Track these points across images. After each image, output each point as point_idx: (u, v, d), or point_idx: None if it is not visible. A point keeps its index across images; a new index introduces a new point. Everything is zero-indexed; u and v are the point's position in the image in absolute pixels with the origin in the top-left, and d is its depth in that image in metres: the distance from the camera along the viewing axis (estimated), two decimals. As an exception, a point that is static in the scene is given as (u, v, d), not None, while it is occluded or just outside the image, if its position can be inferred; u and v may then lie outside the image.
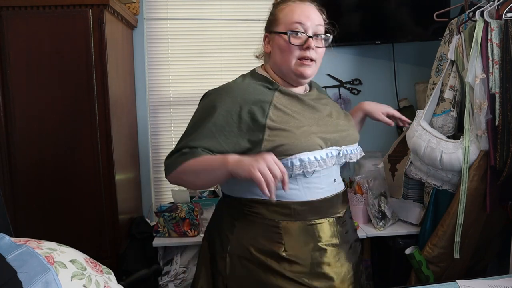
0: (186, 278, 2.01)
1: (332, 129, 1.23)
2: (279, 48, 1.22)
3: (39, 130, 1.80)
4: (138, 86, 2.42)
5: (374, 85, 2.57)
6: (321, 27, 1.23)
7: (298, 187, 1.18)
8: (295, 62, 1.20)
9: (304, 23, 1.19)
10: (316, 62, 1.23)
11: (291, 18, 1.20)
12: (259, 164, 1.00)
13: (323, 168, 1.17)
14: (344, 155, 1.25)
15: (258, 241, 1.19)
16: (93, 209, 1.85)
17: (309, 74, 1.22)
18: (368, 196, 2.02)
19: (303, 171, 1.13)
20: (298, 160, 1.12)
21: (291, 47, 1.19)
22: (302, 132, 1.15)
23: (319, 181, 1.20)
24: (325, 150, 1.18)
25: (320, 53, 1.24)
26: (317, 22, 1.21)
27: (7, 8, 1.75)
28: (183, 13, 2.44)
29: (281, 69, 1.24)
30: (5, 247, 0.76)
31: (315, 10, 1.24)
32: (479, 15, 1.68)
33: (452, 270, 1.82)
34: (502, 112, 1.60)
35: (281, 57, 1.22)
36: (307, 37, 1.19)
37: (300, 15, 1.19)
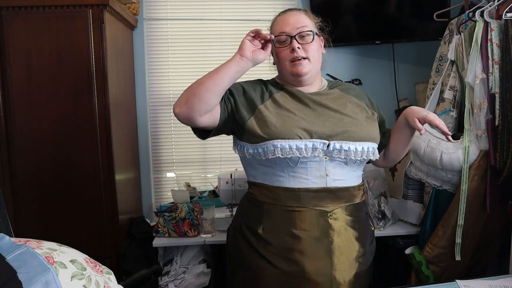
0: (186, 278, 2.01)
1: (329, 125, 1.28)
2: (276, 57, 1.37)
3: (39, 130, 1.81)
4: (138, 86, 2.42)
5: (374, 85, 2.57)
6: (305, 27, 1.32)
7: (284, 174, 1.28)
8: (289, 64, 1.32)
9: (285, 30, 1.32)
10: (309, 60, 1.32)
11: (275, 29, 1.35)
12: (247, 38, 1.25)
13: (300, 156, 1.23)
14: (338, 150, 1.26)
15: (248, 218, 1.35)
16: (93, 209, 1.85)
17: (305, 72, 1.31)
18: (368, 196, 2.02)
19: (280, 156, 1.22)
20: (272, 145, 1.23)
21: (282, 52, 1.33)
22: (285, 122, 1.25)
23: (306, 172, 1.27)
24: (305, 140, 1.24)
25: (312, 50, 1.33)
26: (299, 24, 1.32)
27: (7, 8, 1.75)
28: (183, 13, 2.44)
29: (283, 74, 1.37)
30: (5, 247, 0.76)
31: (297, 14, 1.36)
32: (479, 15, 1.68)
33: (452, 270, 1.82)
34: (502, 112, 1.60)
35: (279, 64, 1.36)
36: (290, 38, 1.31)
37: (281, 25, 1.34)
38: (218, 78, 1.23)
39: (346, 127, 1.29)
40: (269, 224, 1.29)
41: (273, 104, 1.31)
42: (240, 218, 1.39)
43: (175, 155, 2.52)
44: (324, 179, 1.29)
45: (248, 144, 1.30)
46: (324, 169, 1.29)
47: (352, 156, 1.27)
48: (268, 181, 1.31)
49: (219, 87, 1.23)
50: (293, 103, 1.32)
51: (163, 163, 2.51)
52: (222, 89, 1.24)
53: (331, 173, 1.29)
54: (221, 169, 2.49)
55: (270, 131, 1.25)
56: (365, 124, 1.33)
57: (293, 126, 1.25)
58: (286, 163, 1.26)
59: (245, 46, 1.24)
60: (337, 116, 1.31)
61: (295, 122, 1.26)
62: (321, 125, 1.27)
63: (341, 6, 2.43)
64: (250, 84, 1.38)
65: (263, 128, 1.26)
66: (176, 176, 2.52)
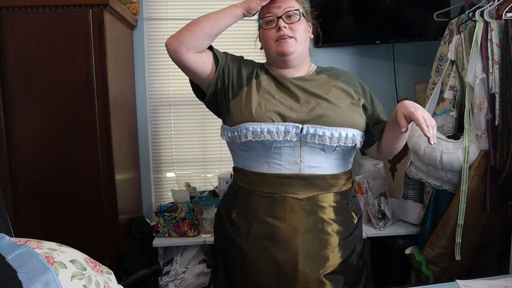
0: (186, 278, 2.01)
1: (306, 110, 1.27)
2: (262, 38, 1.36)
3: (39, 130, 1.81)
4: (138, 86, 2.42)
5: (374, 85, 2.55)
6: (292, 7, 1.31)
7: (259, 159, 1.29)
8: (275, 44, 1.31)
9: (271, 11, 1.32)
10: (296, 39, 1.31)
11: (263, 11, 1.34)
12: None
13: (271, 139, 1.23)
14: (312, 135, 1.23)
15: (227, 203, 1.39)
16: (93, 209, 1.85)
17: (291, 51, 1.30)
18: (368, 196, 2.02)
19: (252, 139, 1.24)
20: (245, 128, 1.24)
21: (268, 32, 1.32)
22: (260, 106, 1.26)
23: (279, 157, 1.27)
24: (277, 124, 1.24)
25: (298, 30, 1.32)
26: (286, 5, 1.31)
27: (7, 8, 1.75)
28: (183, 13, 2.44)
29: (269, 55, 1.36)
30: (5, 247, 0.76)
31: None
32: (479, 15, 1.68)
33: (452, 270, 1.82)
34: (502, 112, 1.60)
35: (265, 45, 1.35)
36: (276, 18, 1.30)
37: (268, 6, 1.32)
38: (216, 23, 1.32)
39: (323, 112, 1.26)
40: (242, 209, 1.31)
41: (256, 87, 1.32)
42: (222, 203, 1.44)
43: (175, 155, 2.52)
44: (297, 165, 1.27)
45: (227, 127, 1.32)
46: (298, 155, 1.27)
47: (327, 141, 1.24)
48: (245, 166, 1.33)
49: (214, 30, 1.31)
50: (275, 87, 1.32)
51: (163, 163, 2.51)
52: (217, 33, 1.32)
53: (306, 159, 1.27)
54: (221, 169, 2.48)
55: (244, 114, 1.26)
56: (345, 109, 1.29)
57: (268, 110, 1.25)
58: (261, 148, 1.27)
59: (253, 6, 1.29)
60: (317, 101, 1.29)
61: (270, 106, 1.26)
62: (298, 110, 1.26)
63: (341, 6, 2.43)
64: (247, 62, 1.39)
65: (239, 110, 1.28)
66: (176, 176, 2.52)
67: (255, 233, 1.27)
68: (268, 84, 1.33)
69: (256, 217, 1.28)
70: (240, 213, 1.31)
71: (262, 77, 1.34)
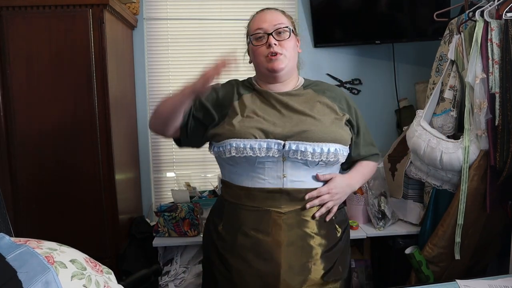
0: (186, 278, 2.01)
1: (289, 126, 1.29)
2: (252, 54, 1.38)
3: (39, 130, 1.81)
4: (138, 86, 2.42)
5: (374, 85, 2.58)
6: (282, 24, 1.34)
7: (244, 173, 1.32)
8: (265, 60, 1.33)
9: (262, 27, 1.34)
10: (286, 56, 1.33)
11: (252, 26, 1.37)
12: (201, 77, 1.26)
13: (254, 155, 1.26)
14: (294, 151, 1.26)
15: (214, 215, 1.42)
16: (93, 209, 1.85)
17: (281, 67, 1.33)
18: (368, 196, 2.02)
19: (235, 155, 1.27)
20: (229, 144, 1.28)
21: (258, 49, 1.34)
22: (244, 123, 1.29)
23: (263, 172, 1.29)
24: (260, 140, 1.26)
25: (288, 46, 1.34)
26: (276, 22, 1.34)
27: (7, 8, 1.75)
28: (183, 13, 2.44)
29: (259, 70, 1.39)
30: (5, 247, 0.75)
31: (274, 13, 1.38)
32: (479, 15, 1.68)
33: (452, 270, 1.82)
34: (502, 112, 1.60)
35: (255, 60, 1.38)
36: (267, 35, 1.32)
37: (258, 22, 1.36)
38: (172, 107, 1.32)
39: (305, 128, 1.28)
40: (227, 222, 1.35)
41: (240, 105, 1.35)
42: (210, 214, 1.47)
43: (175, 155, 2.52)
44: (280, 180, 1.29)
45: (214, 142, 1.36)
46: (281, 170, 1.29)
47: (309, 157, 1.26)
48: (232, 180, 1.36)
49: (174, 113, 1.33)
50: (259, 103, 1.35)
51: (163, 163, 2.51)
52: (177, 113, 1.33)
53: (289, 174, 1.29)
54: (221, 169, 2.49)
55: (227, 130, 1.30)
56: (328, 124, 1.31)
57: (251, 127, 1.28)
58: (245, 163, 1.29)
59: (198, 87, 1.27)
60: (300, 117, 1.31)
61: (254, 123, 1.29)
62: (281, 125, 1.29)
63: (341, 6, 2.43)
64: (223, 89, 1.41)
65: (224, 127, 1.32)
66: (176, 176, 2.52)
67: (239, 246, 1.30)
68: (252, 101, 1.36)
69: (240, 230, 1.31)
70: (225, 226, 1.35)
71: (245, 96, 1.37)
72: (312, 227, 1.31)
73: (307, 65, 2.53)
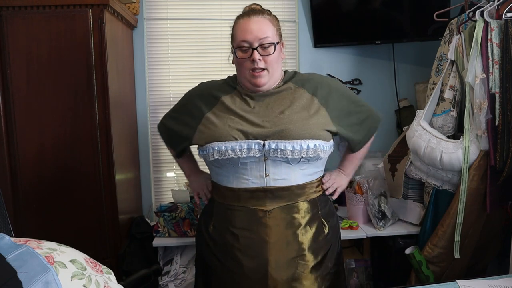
0: (186, 278, 2.01)
1: (268, 125, 1.31)
2: (236, 62, 1.38)
3: (39, 130, 1.80)
4: (138, 86, 2.42)
5: (374, 85, 2.57)
6: (267, 38, 1.31)
7: (228, 174, 1.36)
8: (248, 74, 1.34)
9: (247, 39, 1.31)
10: (268, 71, 1.33)
11: (237, 36, 1.34)
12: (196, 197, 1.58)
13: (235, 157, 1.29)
14: (274, 150, 1.28)
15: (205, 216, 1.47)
16: (93, 209, 1.85)
17: (263, 82, 1.34)
18: (368, 196, 2.02)
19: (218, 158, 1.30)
20: (211, 148, 1.31)
21: (242, 61, 1.34)
22: (224, 125, 1.32)
23: (246, 172, 1.33)
24: (240, 142, 1.29)
25: (271, 61, 1.33)
26: (262, 34, 1.31)
27: (7, 8, 1.75)
28: (183, 13, 2.44)
29: (240, 79, 1.39)
30: (5, 247, 0.76)
31: (260, 22, 1.33)
32: (479, 15, 1.68)
33: (452, 270, 1.82)
34: (502, 112, 1.60)
35: (238, 70, 1.39)
36: (251, 50, 1.31)
37: (244, 32, 1.32)
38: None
39: (283, 126, 1.30)
40: (216, 222, 1.39)
41: (220, 108, 1.37)
42: (202, 215, 1.52)
43: (175, 155, 2.51)
44: (264, 179, 1.32)
45: (199, 147, 1.39)
46: (263, 169, 1.32)
47: (289, 154, 1.28)
48: (219, 181, 1.41)
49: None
50: (239, 103, 1.37)
51: (163, 163, 2.51)
52: None
53: (271, 173, 1.32)
54: (221, 169, 2.49)
55: (208, 135, 1.33)
56: (306, 121, 1.32)
57: (231, 129, 1.31)
58: (229, 164, 1.32)
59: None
60: (278, 116, 1.33)
61: (234, 124, 1.32)
62: (260, 125, 1.31)
63: (341, 6, 2.43)
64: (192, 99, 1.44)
65: (205, 132, 1.35)
66: (176, 176, 2.52)
67: (229, 245, 1.34)
68: (232, 102, 1.37)
69: (228, 230, 1.35)
70: (215, 226, 1.40)
71: (225, 97, 1.38)
72: (298, 223, 1.34)
73: (307, 65, 2.54)
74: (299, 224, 1.34)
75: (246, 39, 1.31)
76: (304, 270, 1.32)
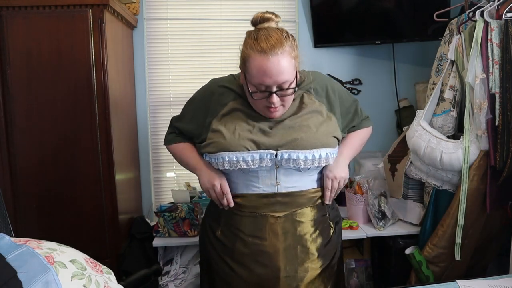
0: (186, 278, 2.01)
1: (280, 134, 1.28)
2: (250, 97, 1.27)
3: (39, 130, 1.80)
4: (138, 86, 2.42)
5: (374, 85, 2.57)
6: (286, 83, 1.21)
7: (238, 181, 1.33)
8: (263, 108, 1.27)
9: (265, 83, 1.20)
10: (285, 105, 1.28)
11: (253, 76, 1.21)
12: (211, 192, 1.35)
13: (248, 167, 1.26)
14: (286, 159, 1.26)
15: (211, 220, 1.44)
16: (93, 209, 1.85)
17: (277, 116, 1.29)
18: (368, 196, 2.02)
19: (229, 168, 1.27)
20: (221, 157, 1.27)
21: (257, 100, 1.25)
22: (234, 134, 1.27)
23: (257, 180, 1.31)
24: (252, 152, 1.25)
25: (288, 99, 1.27)
26: (281, 78, 1.19)
27: (7, 8, 1.75)
28: (183, 13, 2.44)
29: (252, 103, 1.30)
30: (5, 247, 0.76)
31: (280, 63, 1.18)
32: (479, 15, 1.68)
33: (452, 270, 1.82)
34: (502, 112, 1.60)
35: (251, 101, 1.29)
36: (268, 92, 1.22)
37: (262, 76, 1.19)
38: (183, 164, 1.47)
39: (295, 136, 1.27)
40: (225, 227, 1.36)
41: (227, 114, 1.31)
42: (206, 217, 1.49)
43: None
44: (275, 187, 1.31)
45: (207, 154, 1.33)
46: (274, 178, 1.30)
47: (302, 164, 1.27)
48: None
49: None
50: (248, 111, 1.31)
51: (163, 163, 2.51)
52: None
53: (282, 181, 1.31)
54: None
55: (218, 144, 1.27)
56: (316, 130, 1.30)
57: (241, 138, 1.26)
58: (239, 172, 1.29)
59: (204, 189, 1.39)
60: (289, 124, 1.29)
61: (244, 133, 1.27)
62: (272, 134, 1.28)
63: (341, 6, 2.43)
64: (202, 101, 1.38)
65: (214, 141, 1.29)
66: (176, 176, 2.52)
67: (239, 252, 1.33)
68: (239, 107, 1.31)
69: (238, 237, 1.33)
70: (223, 231, 1.37)
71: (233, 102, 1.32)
72: (307, 227, 1.34)
73: (307, 65, 2.53)
74: (309, 228, 1.34)
75: (265, 83, 1.20)
76: (314, 273, 1.33)
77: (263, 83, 1.20)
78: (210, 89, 1.38)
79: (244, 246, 1.32)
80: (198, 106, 1.39)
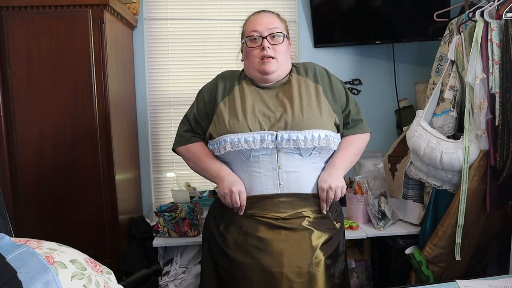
0: (186, 278, 2.01)
1: (279, 116, 1.35)
2: (245, 54, 1.44)
3: (39, 130, 1.80)
4: (138, 86, 2.42)
5: (374, 85, 2.57)
6: (276, 28, 1.40)
7: (240, 169, 1.38)
8: (258, 62, 1.39)
9: (257, 29, 1.40)
10: (277, 59, 1.39)
11: (248, 28, 1.43)
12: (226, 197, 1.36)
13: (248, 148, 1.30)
14: (286, 140, 1.30)
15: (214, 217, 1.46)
16: (93, 209, 1.85)
17: (272, 70, 1.39)
18: (368, 196, 2.02)
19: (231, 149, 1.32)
20: (223, 140, 1.34)
21: (252, 50, 1.40)
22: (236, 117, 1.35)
23: (258, 165, 1.34)
24: (253, 133, 1.31)
25: (280, 50, 1.40)
26: (271, 25, 1.40)
27: (7, 8, 1.75)
28: (183, 13, 2.44)
29: (249, 71, 1.45)
30: (5, 247, 0.76)
31: (269, 16, 1.44)
32: (479, 15, 1.68)
33: (452, 270, 1.82)
34: (502, 112, 1.60)
35: (247, 61, 1.44)
36: (261, 38, 1.38)
37: (254, 24, 1.41)
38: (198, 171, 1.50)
39: (294, 116, 1.33)
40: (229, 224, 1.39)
41: (231, 98, 1.41)
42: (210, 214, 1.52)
43: (175, 155, 2.49)
44: (276, 171, 1.33)
45: (209, 140, 1.42)
46: (276, 162, 1.33)
47: (302, 144, 1.31)
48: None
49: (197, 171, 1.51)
50: (250, 95, 1.40)
51: (163, 163, 2.51)
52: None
53: (284, 165, 1.34)
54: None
55: (221, 128, 1.36)
56: (314, 111, 1.36)
57: (243, 120, 1.34)
58: (240, 158, 1.34)
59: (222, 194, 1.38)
60: (288, 106, 1.36)
61: (246, 116, 1.35)
62: (271, 116, 1.35)
63: (341, 6, 2.43)
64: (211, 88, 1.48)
65: (217, 125, 1.38)
66: (176, 176, 2.52)
67: (241, 244, 1.35)
68: (242, 92, 1.41)
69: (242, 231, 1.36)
70: (227, 227, 1.40)
71: (237, 87, 1.43)
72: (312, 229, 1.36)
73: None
74: (313, 230, 1.35)
75: (256, 29, 1.39)
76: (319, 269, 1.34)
77: (255, 29, 1.39)
78: (217, 79, 1.50)
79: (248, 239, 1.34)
80: (208, 90, 1.48)
